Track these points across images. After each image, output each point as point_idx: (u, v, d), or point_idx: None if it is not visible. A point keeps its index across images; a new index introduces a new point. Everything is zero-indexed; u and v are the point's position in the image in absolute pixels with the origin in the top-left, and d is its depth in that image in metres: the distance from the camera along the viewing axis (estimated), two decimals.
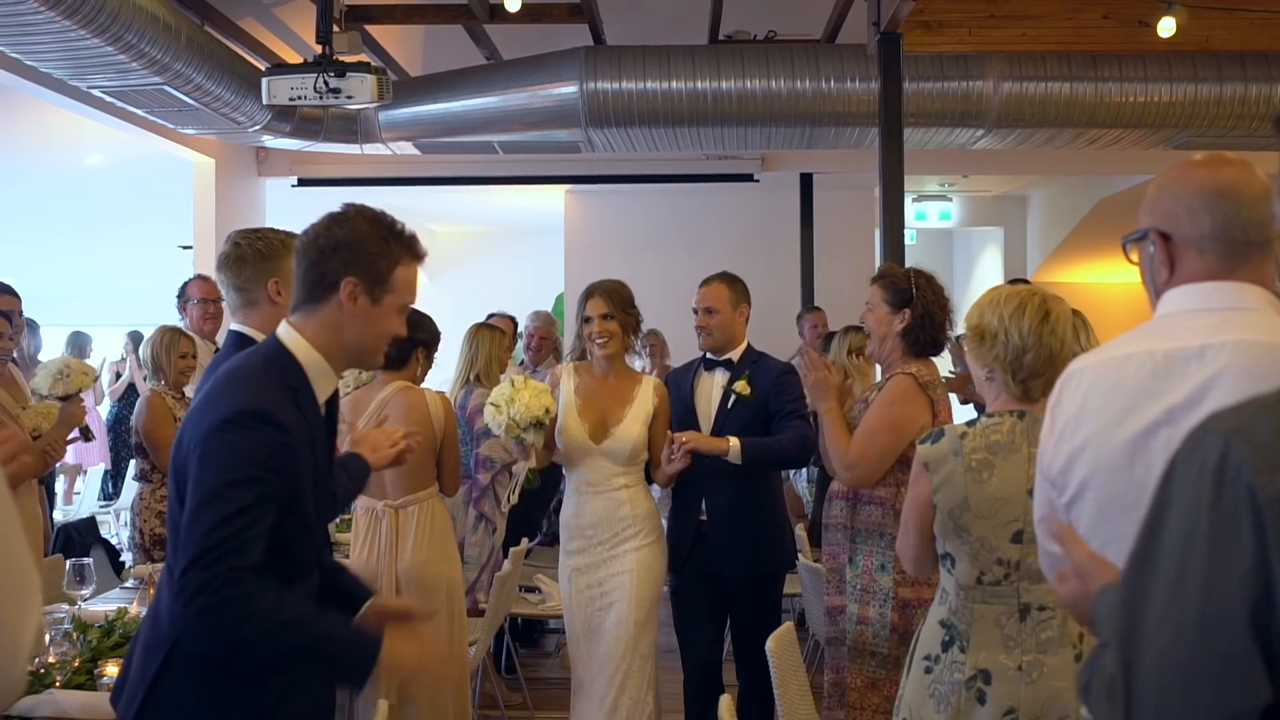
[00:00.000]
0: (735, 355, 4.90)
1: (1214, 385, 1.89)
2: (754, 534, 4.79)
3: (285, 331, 2.53)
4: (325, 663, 2.45)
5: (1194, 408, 1.88)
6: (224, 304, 3.63)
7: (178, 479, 2.40)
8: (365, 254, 2.50)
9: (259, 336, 3.29)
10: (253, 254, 3.28)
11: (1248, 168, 2.02)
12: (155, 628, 2.46)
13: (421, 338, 4.75)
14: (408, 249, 2.57)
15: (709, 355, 4.95)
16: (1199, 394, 1.90)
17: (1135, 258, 2.12)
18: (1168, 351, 1.97)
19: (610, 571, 4.66)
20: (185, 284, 6.74)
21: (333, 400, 2.63)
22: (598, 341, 4.68)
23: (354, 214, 2.56)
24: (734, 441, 4.60)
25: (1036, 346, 2.96)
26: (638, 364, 7.30)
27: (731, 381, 4.84)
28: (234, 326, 3.29)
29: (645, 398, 4.73)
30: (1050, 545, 2.17)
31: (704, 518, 4.79)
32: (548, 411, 4.46)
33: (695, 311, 4.92)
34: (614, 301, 4.68)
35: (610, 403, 4.70)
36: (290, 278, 3.32)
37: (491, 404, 4.46)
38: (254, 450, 2.32)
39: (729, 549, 4.74)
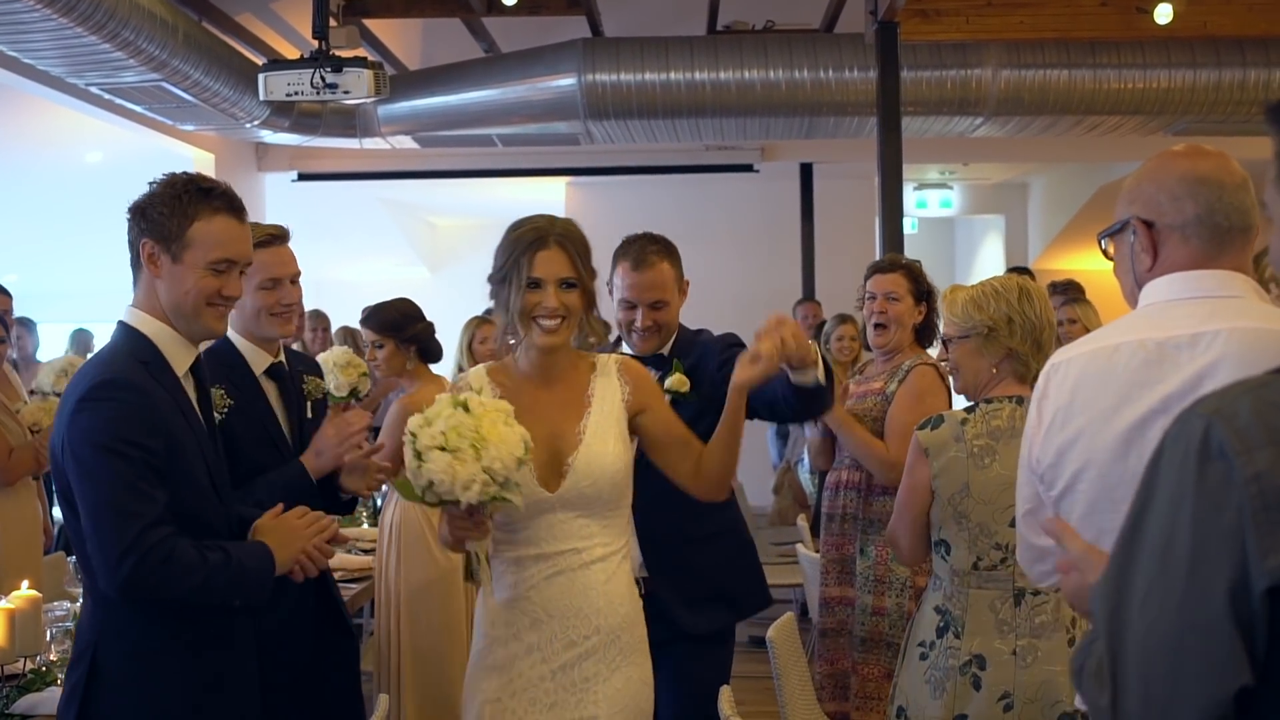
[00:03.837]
0: (665, 347, 3.64)
1: (1210, 374, 1.90)
2: (715, 572, 3.54)
3: (126, 312, 2.54)
4: (245, 590, 2.51)
5: (1189, 396, 1.87)
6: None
7: (59, 479, 2.43)
8: (156, 214, 2.48)
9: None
10: None
11: (1226, 158, 2.05)
12: (77, 639, 2.52)
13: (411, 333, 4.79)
14: (206, 204, 2.51)
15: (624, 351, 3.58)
16: (1194, 382, 1.90)
17: (1112, 251, 2.13)
18: (1160, 341, 1.97)
19: (568, 717, 2.74)
20: None
21: (199, 371, 2.62)
22: (545, 324, 2.78)
23: (159, 180, 2.54)
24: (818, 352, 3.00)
25: (1050, 327, 3.07)
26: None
27: (664, 378, 3.50)
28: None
29: (609, 387, 2.89)
30: (1034, 539, 2.17)
31: (643, 574, 3.38)
32: (527, 447, 2.57)
33: (630, 305, 3.56)
34: (580, 260, 2.82)
35: (560, 417, 2.81)
36: (258, 272, 3.18)
37: (437, 447, 2.48)
38: (117, 417, 2.35)
39: (683, 596, 3.39)
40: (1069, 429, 2.05)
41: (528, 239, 2.78)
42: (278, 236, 3.29)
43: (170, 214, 2.47)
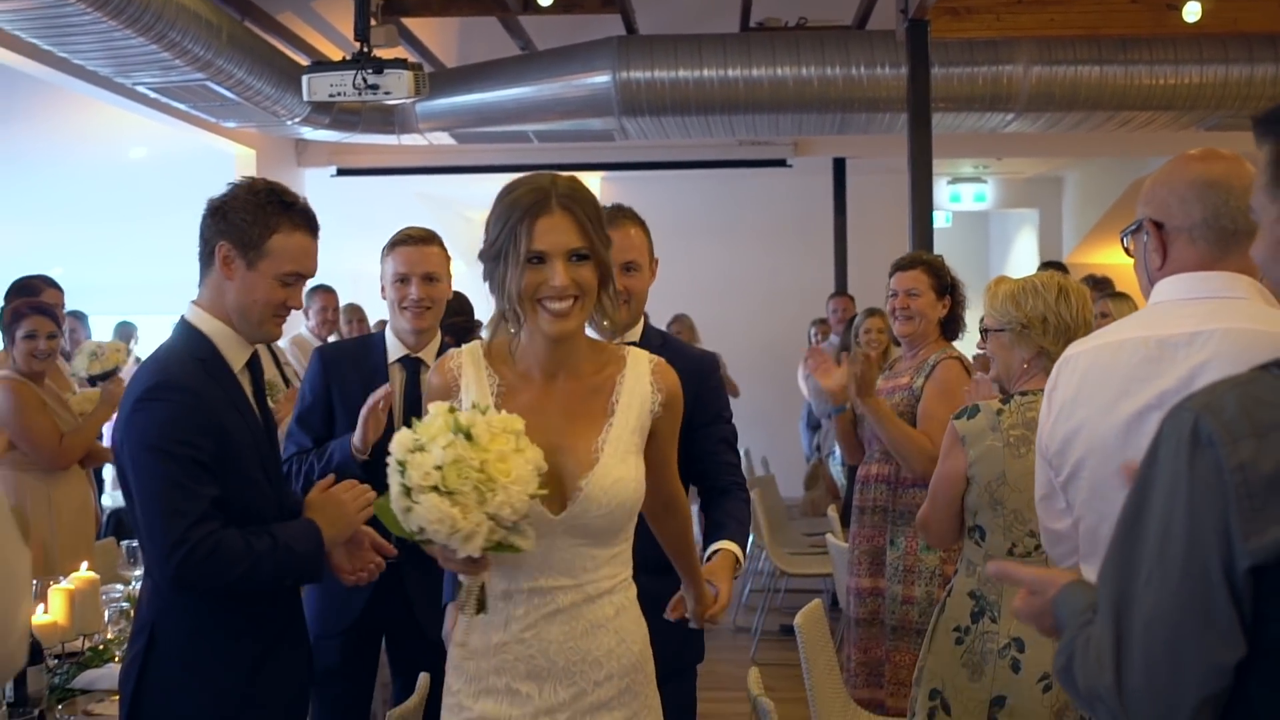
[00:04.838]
0: (635, 333, 3.11)
1: (1203, 371, 1.99)
2: (658, 613, 2.52)
3: (188, 309, 2.64)
4: (295, 570, 2.61)
5: (1183, 392, 1.96)
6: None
7: (120, 473, 2.58)
8: (238, 219, 2.55)
9: None
10: None
11: (1239, 162, 2.12)
12: (137, 614, 2.67)
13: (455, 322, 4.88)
14: (287, 217, 2.59)
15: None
16: (1189, 379, 2.00)
17: (1132, 249, 2.22)
18: (1160, 338, 2.07)
19: None
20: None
21: (255, 365, 2.71)
22: (553, 307, 2.21)
23: (240, 183, 2.63)
24: (732, 546, 2.77)
25: (1085, 326, 3.16)
26: None
27: None
28: None
29: (638, 391, 2.32)
30: (1050, 523, 2.27)
31: None
32: (541, 479, 2.06)
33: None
34: (591, 225, 2.23)
35: (571, 425, 2.26)
36: (393, 267, 3.59)
37: (431, 487, 1.97)
38: (169, 418, 2.46)
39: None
40: (1074, 419, 2.16)
41: (525, 203, 2.20)
42: (413, 238, 3.62)
43: (253, 221, 2.56)
